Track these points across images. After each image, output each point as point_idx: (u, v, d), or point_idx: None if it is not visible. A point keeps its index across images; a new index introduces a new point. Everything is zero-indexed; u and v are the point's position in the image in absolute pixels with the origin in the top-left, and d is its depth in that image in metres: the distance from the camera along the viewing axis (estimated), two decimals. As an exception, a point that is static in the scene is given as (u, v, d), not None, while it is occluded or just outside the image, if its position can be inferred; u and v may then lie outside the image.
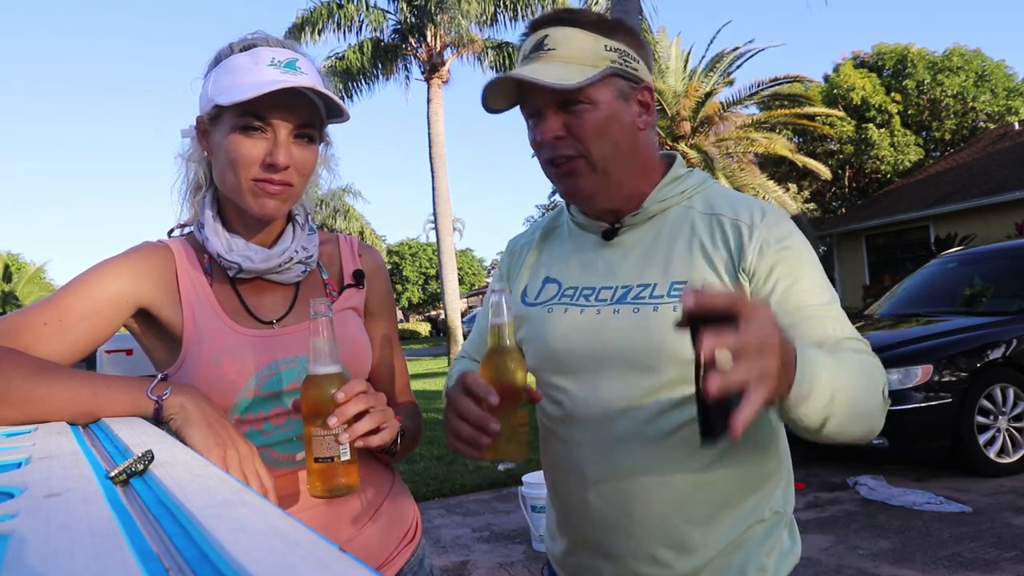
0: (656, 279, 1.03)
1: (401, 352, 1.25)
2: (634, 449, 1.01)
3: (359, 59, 16.84)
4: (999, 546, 3.47)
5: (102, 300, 0.97)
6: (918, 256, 14.12)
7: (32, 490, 0.47)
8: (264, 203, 1.00)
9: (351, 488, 0.91)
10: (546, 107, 1.02)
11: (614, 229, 1.10)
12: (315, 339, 0.91)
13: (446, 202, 16.89)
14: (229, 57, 1.00)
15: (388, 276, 1.25)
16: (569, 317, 1.08)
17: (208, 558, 0.32)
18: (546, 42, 1.03)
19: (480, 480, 5.27)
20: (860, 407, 0.88)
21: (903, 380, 4.61)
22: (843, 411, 0.85)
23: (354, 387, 0.90)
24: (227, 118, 0.98)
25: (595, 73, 1.00)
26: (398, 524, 1.13)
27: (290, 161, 0.99)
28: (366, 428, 0.90)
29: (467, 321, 27.53)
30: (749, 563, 1.01)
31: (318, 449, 0.89)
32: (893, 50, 23.24)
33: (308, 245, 1.09)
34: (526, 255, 1.24)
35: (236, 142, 0.97)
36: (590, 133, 1.02)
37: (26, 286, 36.67)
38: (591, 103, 1.01)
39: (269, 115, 0.97)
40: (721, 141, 16.33)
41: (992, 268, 6.09)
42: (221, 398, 0.98)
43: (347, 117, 1.06)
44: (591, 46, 1.03)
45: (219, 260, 1.03)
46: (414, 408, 1.22)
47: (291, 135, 0.99)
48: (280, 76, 0.96)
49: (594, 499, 1.04)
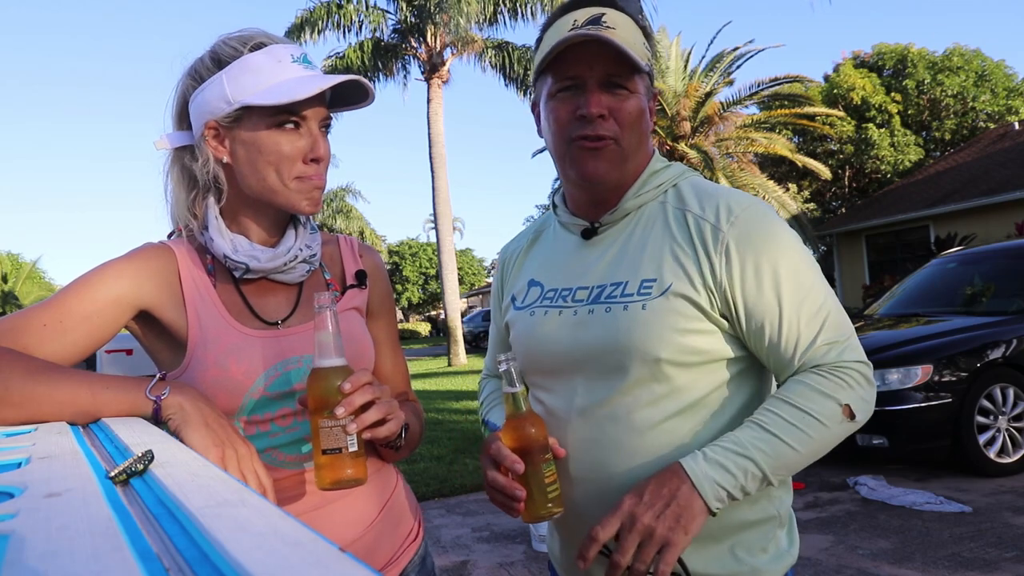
0: (627, 277, 1.03)
1: (401, 352, 1.25)
2: (613, 448, 1.02)
3: (359, 59, 16.85)
4: (999, 546, 3.47)
5: (103, 302, 0.97)
6: (918, 256, 14.13)
7: (32, 490, 0.46)
8: (305, 204, 1.02)
9: (359, 480, 0.90)
10: (592, 80, 1.01)
11: (594, 228, 1.10)
12: (320, 332, 0.91)
13: (446, 202, 16.89)
14: (241, 57, 0.98)
15: (388, 277, 1.25)
16: (549, 319, 1.09)
17: (208, 558, 0.32)
18: (604, 19, 1.02)
19: (480, 480, 5.26)
20: (807, 454, 0.96)
21: (903, 380, 4.60)
22: (787, 470, 0.95)
23: (360, 378, 0.91)
24: (255, 118, 0.98)
25: (644, 64, 1.02)
26: (403, 523, 1.14)
27: (326, 155, 1.02)
28: (374, 418, 0.91)
29: (467, 321, 27.58)
30: (743, 563, 1.01)
31: (326, 440, 0.89)
32: (893, 50, 23.24)
33: (312, 244, 1.09)
34: (517, 260, 1.25)
35: (276, 140, 0.98)
36: (629, 120, 1.03)
37: (26, 285, 36.68)
38: (632, 92, 1.03)
39: (303, 110, 0.99)
40: (721, 141, 16.33)
41: (992, 268, 6.09)
42: (228, 399, 0.98)
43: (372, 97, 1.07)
44: (640, 39, 1.05)
45: (225, 261, 1.02)
46: (414, 408, 1.22)
47: (321, 126, 1.02)
48: (309, 72, 0.99)
49: (580, 498, 1.05)
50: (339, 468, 0.89)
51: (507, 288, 1.24)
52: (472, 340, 25.51)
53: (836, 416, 0.95)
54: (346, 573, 0.30)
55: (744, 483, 0.91)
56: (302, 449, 1.02)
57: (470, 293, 45.39)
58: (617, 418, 1.01)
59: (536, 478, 0.98)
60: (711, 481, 0.90)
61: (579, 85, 1.02)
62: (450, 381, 12.91)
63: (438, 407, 9.23)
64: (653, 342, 0.98)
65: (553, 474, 0.99)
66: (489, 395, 1.31)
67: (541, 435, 0.99)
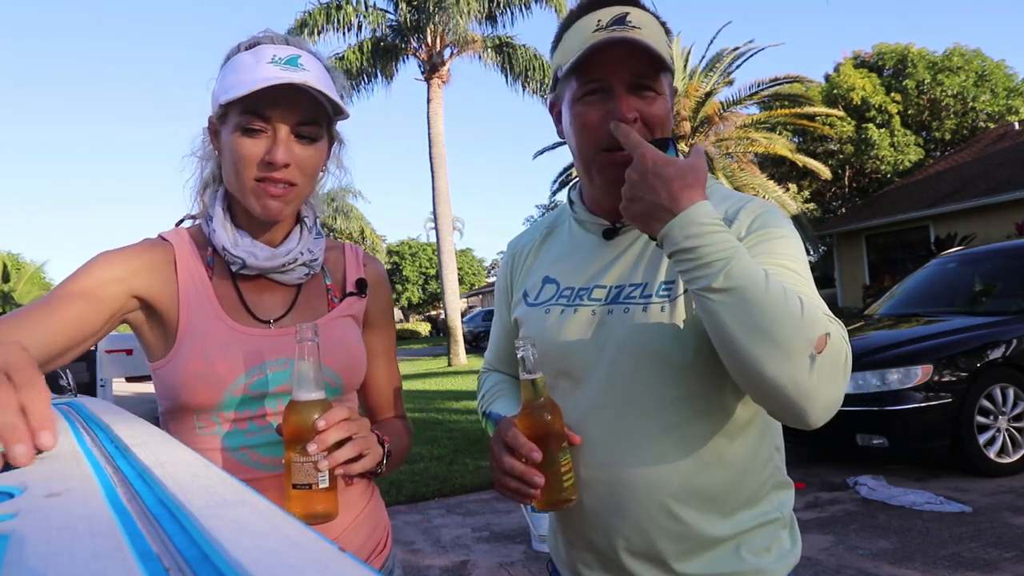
0: (647, 279, 1.03)
1: (396, 367, 1.24)
2: (623, 450, 1.01)
3: (359, 59, 16.85)
4: (999, 546, 3.47)
5: (91, 284, 0.96)
6: (918, 256, 14.14)
7: (32, 490, 0.46)
8: (267, 204, 0.99)
9: (328, 516, 0.89)
10: (620, 84, 0.99)
11: (615, 228, 1.10)
12: (300, 364, 0.90)
13: (446, 202, 16.90)
14: (235, 56, 1.00)
15: (390, 289, 1.24)
16: (565, 317, 1.08)
17: (208, 558, 0.32)
18: (629, 19, 0.99)
19: (480, 480, 5.27)
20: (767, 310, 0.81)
21: (903, 380, 4.60)
22: (741, 294, 0.82)
23: (336, 415, 0.90)
24: (231, 117, 0.98)
25: (671, 63, 1.01)
26: (373, 535, 1.12)
27: (290, 159, 0.97)
28: (347, 456, 0.90)
29: (467, 321, 27.58)
30: (747, 564, 1.01)
31: (296, 475, 0.88)
32: (893, 50, 23.25)
33: (314, 248, 1.08)
34: (528, 255, 1.23)
35: (238, 142, 0.97)
36: (658, 122, 1.01)
37: (26, 285, 36.66)
38: (659, 93, 1.01)
39: (269, 113, 0.96)
40: (721, 141, 16.33)
41: (992, 268, 6.09)
42: (209, 394, 0.98)
43: (346, 115, 1.05)
44: (664, 37, 1.03)
45: (224, 254, 1.03)
46: (403, 425, 1.21)
47: (291, 133, 0.98)
48: (279, 73, 0.94)
49: (588, 499, 1.04)
50: (309, 503, 0.88)
51: (517, 283, 1.22)
52: (472, 340, 25.50)
53: (813, 328, 0.82)
54: (346, 573, 0.30)
55: (717, 240, 0.84)
56: (278, 453, 0.99)
57: (470, 293, 45.40)
58: (631, 420, 1.00)
59: (553, 466, 0.97)
60: (708, 209, 0.86)
61: (606, 88, 0.99)
62: (450, 381, 12.91)
63: (438, 407, 9.23)
64: (670, 344, 0.97)
65: (568, 462, 0.98)
66: (491, 388, 1.28)
67: (558, 422, 0.99)
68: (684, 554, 1.00)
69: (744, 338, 0.83)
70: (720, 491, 1.00)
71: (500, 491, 1.02)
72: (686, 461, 0.99)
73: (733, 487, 1.01)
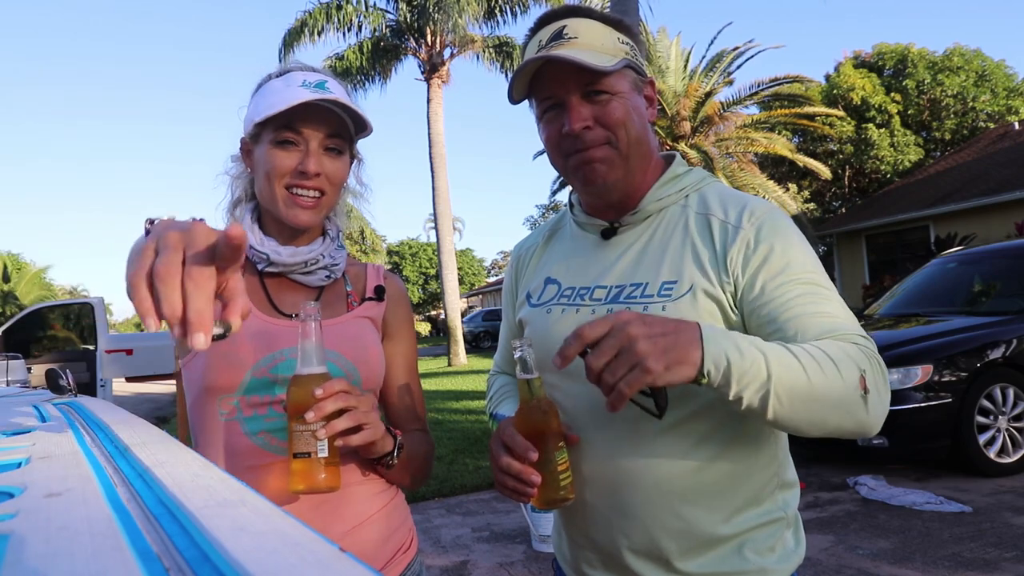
0: (648, 279, 1.04)
1: (418, 380, 1.28)
2: (626, 449, 1.01)
3: (359, 59, 16.85)
4: (999, 546, 3.47)
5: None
6: (918, 256, 14.13)
7: (32, 490, 0.47)
8: (297, 213, 1.07)
9: (330, 487, 0.92)
10: (569, 96, 1.02)
11: (613, 228, 1.11)
12: (303, 340, 0.94)
13: (446, 202, 16.89)
14: (267, 83, 1.10)
15: (410, 305, 1.30)
16: (566, 317, 1.09)
17: (208, 558, 0.32)
18: (566, 31, 1.03)
19: (480, 480, 5.27)
20: (817, 393, 0.85)
21: (903, 380, 4.61)
22: (790, 396, 0.84)
23: (334, 385, 0.93)
24: (265, 135, 1.07)
25: (618, 61, 1.02)
26: (394, 536, 1.14)
27: (321, 169, 1.07)
28: (344, 426, 0.93)
29: (467, 321, 27.59)
30: (750, 563, 1.01)
31: (296, 444, 0.91)
32: (893, 50, 23.24)
33: (336, 255, 1.15)
34: (532, 257, 1.25)
35: (272, 154, 1.06)
36: (617, 121, 1.03)
37: (26, 286, 36.67)
38: (614, 93, 1.03)
39: (301, 127, 1.06)
40: (721, 141, 16.32)
41: (992, 268, 6.09)
42: (232, 374, 1.03)
43: (370, 130, 1.13)
44: (609, 37, 1.05)
45: (250, 252, 1.10)
46: (423, 437, 1.22)
47: (322, 146, 1.08)
48: (309, 93, 1.04)
49: (591, 498, 1.04)
50: (309, 473, 0.91)
51: (521, 285, 1.25)
52: (472, 340, 25.51)
53: (853, 376, 0.87)
54: (346, 573, 0.30)
55: (746, 370, 0.83)
56: None
57: (470, 293, 45.40)
58: (631, 419, 1.00)
59: (549, 465, 0.97)
60: (719, 346, 0.83)
61: (559, 103, 1.04)
62: (450, 381, 12.91)
63: (438, 407, 9.23)
64: None
65: (566, 461, 0.99)
66: (499, 390, 1.30)
67: (555, 422, 0.99)
68: (687, 552, 1.00)
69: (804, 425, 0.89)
70: (724, 490, 1.00)
71: (499, 489, 1.03)
72: (689, 460, 0.99)
73: (737, 486, 1.01)
